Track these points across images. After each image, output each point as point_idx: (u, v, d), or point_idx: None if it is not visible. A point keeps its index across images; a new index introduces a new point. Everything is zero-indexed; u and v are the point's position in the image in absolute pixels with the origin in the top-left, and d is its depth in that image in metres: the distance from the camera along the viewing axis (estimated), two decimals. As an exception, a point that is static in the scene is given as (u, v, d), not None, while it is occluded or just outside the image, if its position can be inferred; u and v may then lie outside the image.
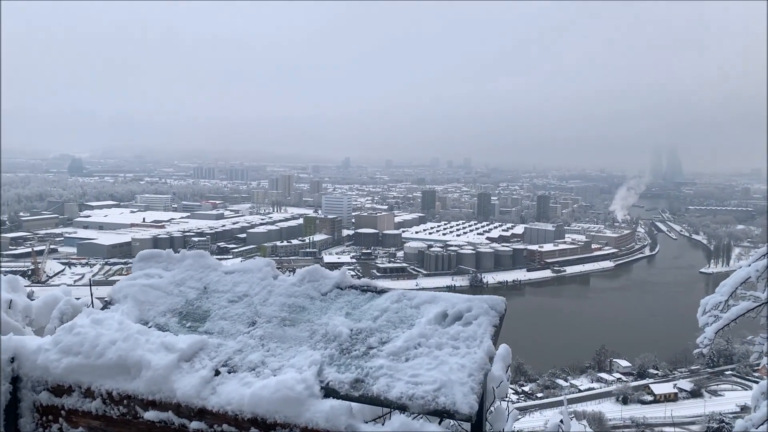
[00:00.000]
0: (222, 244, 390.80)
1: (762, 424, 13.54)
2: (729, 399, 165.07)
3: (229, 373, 6.17)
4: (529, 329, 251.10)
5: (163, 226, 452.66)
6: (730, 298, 14.10)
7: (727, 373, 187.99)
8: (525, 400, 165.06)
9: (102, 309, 7.60)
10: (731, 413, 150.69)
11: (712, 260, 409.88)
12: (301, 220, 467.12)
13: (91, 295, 9.57)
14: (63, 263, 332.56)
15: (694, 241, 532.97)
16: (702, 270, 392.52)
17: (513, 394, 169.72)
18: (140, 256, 8.55)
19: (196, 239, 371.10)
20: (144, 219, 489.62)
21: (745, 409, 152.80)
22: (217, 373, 6.15)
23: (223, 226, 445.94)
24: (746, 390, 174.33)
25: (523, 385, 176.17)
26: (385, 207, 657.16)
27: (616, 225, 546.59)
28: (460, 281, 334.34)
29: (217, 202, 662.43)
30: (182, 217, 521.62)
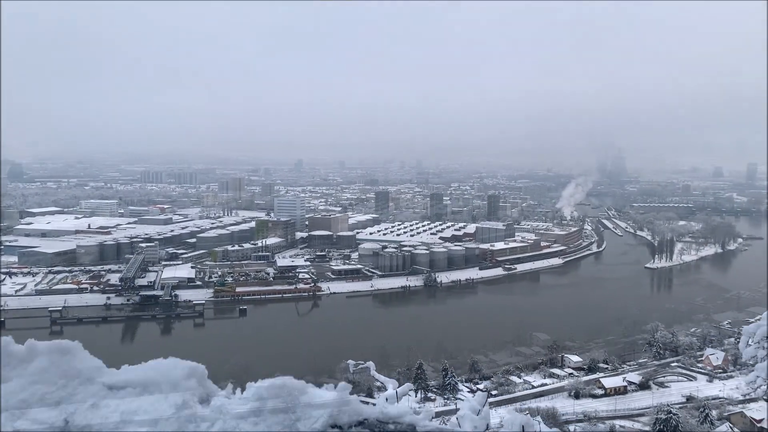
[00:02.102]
0: (171, 250, 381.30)
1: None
2: (675, 390, 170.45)
3: None
4: (483, 327, 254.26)
5: (109, 232, 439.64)
6: None
7: (672, 365, 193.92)
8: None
9: None
10: (678, 404, 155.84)
11: (656, 256, 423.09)
12: (252, 224, 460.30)
13: None
14: (3, 273, 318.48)
15: (639, 237, 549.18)
16: (647, 265, 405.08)
17: (468, 392, 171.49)
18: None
19: (143, 245, 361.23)
20: (89, 225, 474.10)
21: (690, 399, 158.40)
22: None
23: (172, 231, 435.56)
24: (691, 381, 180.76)
25: (477, 383, 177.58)
26: (339, 208, 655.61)
27: (564, 223, 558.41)
28: (415, 281, 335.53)
29: (166, 206, 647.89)
30: (129, 223, 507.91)
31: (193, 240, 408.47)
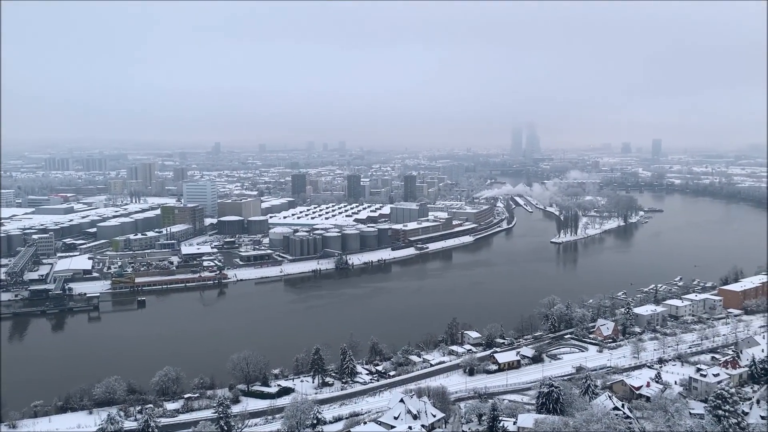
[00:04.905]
0: (69, 241, 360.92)
1: None
2: (566, 362, 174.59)
3: None
4: (387, 307, 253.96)
5: (1, 224, 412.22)
6: None
7: (566, 337, 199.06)
8: (378, 379, 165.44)
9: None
10: (567, 375, 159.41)
11: (562, 230, 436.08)
12: (159, 211, 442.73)
13: None
14: None
15: (548, 212, 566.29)
16: (552, 240, 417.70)
17: (366, 374, 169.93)
18: None
19: (36, 236, 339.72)
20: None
21: (579, 370, 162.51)
22: None
23: (71, 220, 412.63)
24: (582, 351, 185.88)
25: (377, 365, 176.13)
26: (255, 193, 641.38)
27: (476, 201, 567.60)
28: (326, 264, 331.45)
29: (69, 195, 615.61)
30: (26, 213, 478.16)
31: (94, 229, 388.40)
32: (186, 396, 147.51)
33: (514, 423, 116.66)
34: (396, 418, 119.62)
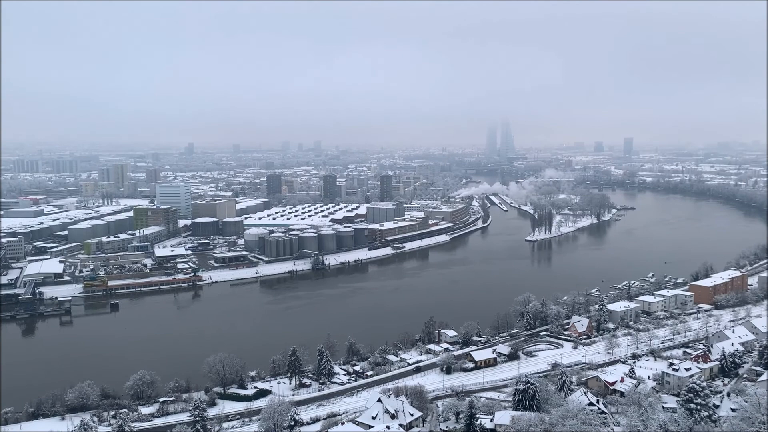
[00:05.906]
0: (39, 244, 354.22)
1: None
2: (542, 359, 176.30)
3: None
4: (364, 307, 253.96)
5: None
6: None
7: (542, 333, 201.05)
8: (355, 380, 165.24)
9: None
10: (543, 372, 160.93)
11: (536, 229, 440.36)
12: (131, 213, 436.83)
13: None
14: None
15: (522, 211, 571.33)
16: (527, 238, 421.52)
17: (344, 375, 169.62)
18: None
19: (5, 240, 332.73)
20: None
21: (555, 366, 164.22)
22: None
23: (41, 223, 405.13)
24: (558, 348, 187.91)
25: (355, 365, 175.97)
26: (230, 194, 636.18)
27: (452, 200, 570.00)
28: (303, 265, 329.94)
29: (39, 197, 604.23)
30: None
31: (65, 232, 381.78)
32: (161, 400, 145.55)
33: (492, 420, 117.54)
34: (374, 418, 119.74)
